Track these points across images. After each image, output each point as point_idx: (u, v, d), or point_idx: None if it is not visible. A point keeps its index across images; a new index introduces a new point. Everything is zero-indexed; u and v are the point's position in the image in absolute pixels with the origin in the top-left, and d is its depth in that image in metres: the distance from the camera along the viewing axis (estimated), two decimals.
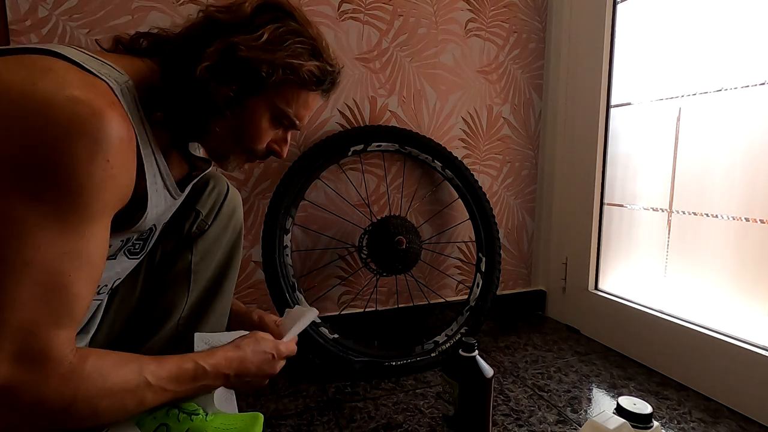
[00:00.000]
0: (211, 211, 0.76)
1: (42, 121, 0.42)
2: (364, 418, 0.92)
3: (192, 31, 0.57)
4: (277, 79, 0.57)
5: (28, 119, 0.42)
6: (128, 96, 0.51)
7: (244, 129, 0.60)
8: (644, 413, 0.68)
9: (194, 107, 0.55)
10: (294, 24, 0.59)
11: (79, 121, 0.43)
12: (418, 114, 1.32)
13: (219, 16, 0.56)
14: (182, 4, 1.07)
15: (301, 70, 0.59)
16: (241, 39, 0.55)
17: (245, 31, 0.55)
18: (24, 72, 0.44)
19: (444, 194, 1.38)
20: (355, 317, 1.31)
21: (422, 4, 1.28)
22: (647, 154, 1.18)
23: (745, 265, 0.96)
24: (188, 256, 0.75)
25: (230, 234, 0.79)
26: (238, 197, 0.81)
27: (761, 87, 0.91)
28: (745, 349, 0.93)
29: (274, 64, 0.56)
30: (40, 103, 0.42)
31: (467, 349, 0.79)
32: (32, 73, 0.44)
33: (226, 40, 0.54)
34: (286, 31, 0.58)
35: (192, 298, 0.76)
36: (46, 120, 0.42)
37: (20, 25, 0.97)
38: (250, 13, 0.56)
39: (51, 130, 0.42)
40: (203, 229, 0.76)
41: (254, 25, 0.56)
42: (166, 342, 0.77)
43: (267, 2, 0.58)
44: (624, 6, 1.24)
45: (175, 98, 0.54)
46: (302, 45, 0.60)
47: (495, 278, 1.25)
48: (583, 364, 1.16)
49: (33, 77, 0.43)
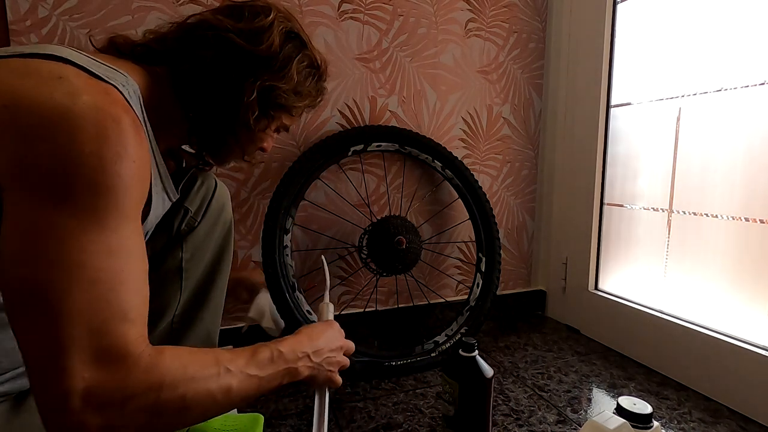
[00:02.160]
0: (200, 208, 0.77)
1: (66, 132, 0.42)
2: (364, 418, 0.92)
3: (203, 50, 0.58)
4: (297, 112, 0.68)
5: (51, 130, 0.42)
6: (135, 101, 0.52)
7: (253, 140, 0.67)
8: (644, 413, 0.68)
9: (218, 127, 0.60)
10: (307, 51, 0.67)
11: (102, 127, 0.43)
12: (418, 114, 1.32)
13: (240, 42, 0.59)
14: (182, 4, 1.07)
15: (315, 102, 0.71)
16: (276, 82, 0.62)
17: (274, 67, 0.61)
18: (34, 80, 0.43)
19: (444, 194, 1.38)
20: (355, 317, 1.31)
21: (422, 4, 1.28)
22: (647, 154, 1.18)
23: (745, 265, 0.96)
24: (179, 254, 0.76)
25: (220, 230, 0.79)
26: (226, 192, 0.82)
27: (761, 87, 0.91)
28: (745, 349, 0.93)
29: (301, 105, 0.67)
30: (62, 115, 0.42)
31: (467, 349, 0.79)
32: (44, 82, 0.43)
33: (263, 83, 0.60)
34: (306, 65, 0.66)
35: (185, 295, 0.77)
36: (70, 130, 0.42)
37: (20, 25, 0.97)
38: (279, 48, 0.61)
39: (78, 138, 0.42)
40: (192, 226, 0.76)
41: (281, 60, 0.62)
42: (161, 341, 0.77)
43: (288, 31, 0.64)
44: (624, 6, 1.24)
45: (200, 118, 0.56)
46: (314, 76, 0.69)
47: (495, 278, 1.25)
48: (583, 364, 1.16)
49: (47, 87, 0.43)
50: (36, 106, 0.42)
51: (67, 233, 0.41)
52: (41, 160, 0.41)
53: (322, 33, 1.19)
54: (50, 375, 0.39)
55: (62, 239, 0.41)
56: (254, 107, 0.60)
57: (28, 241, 0.41)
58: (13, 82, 0.43)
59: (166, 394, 0.44)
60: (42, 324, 0.40)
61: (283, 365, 0.57)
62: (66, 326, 0.40)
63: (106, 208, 0.44)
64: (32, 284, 0.40)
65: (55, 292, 0.40)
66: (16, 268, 0.40)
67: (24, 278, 0.40)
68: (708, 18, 1.02)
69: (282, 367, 0.57)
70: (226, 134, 0.63)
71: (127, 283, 0.44)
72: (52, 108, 0.42)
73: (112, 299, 0.42)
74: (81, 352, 0.40)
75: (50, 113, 0.42)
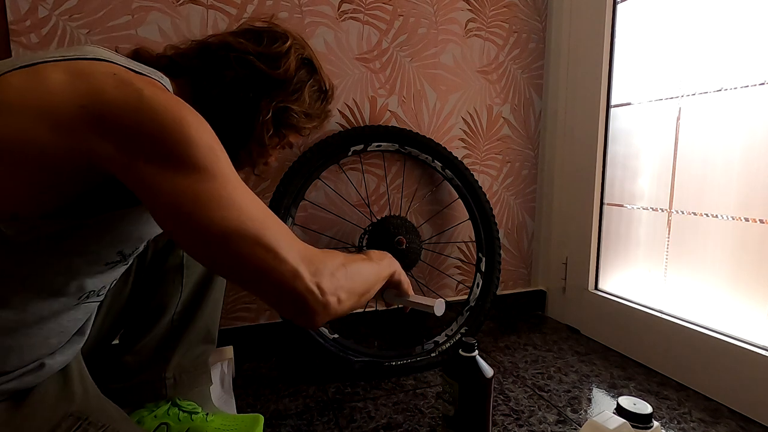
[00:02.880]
0: None
1: (170, 116, 0.46)
2: (364, 418, 0.92)
3: (226, 69, 0.63)
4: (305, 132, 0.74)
5: (141, 114, 0.46)
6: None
7: (263, 155, 0.71)
8: (644, 413, 0.68)
9: (232, 141, 0.62)
10: (318, 77, 0.72)
11: (175, 102, 0.49)
12: (418, 114, 1.32)
13: (260, 65, 0.64)
14: (182, 4, 1.07)
15: (321, 123, 0.76)
16: (290, 104, 0.67)
17: (288, 90, 0.67)
18: (97, 80, 0.46)
19: (444, 194, 1.38)
20: (355, 317, 1.31)
21: (422, 4, 1.28)
22: (647, 154, 1.18)
23: (744, 265, 0.96)
24: (180, 251, 0.78)
25: None
26: None
27: (761, 87, 0.91)
28: (745, 349, 0.93)
29: (309, 126, 0.72)
30: (139, 99, 0.46)
31: (467, 349, 0.79)
32: (105, 80, 0.46)
33: (278, 104, 0.66)
34: (317, 89, 0.72)
35: (186, 291, 0.79)
36: (168, 114, 0.46)
37: (20, 25, 0.97)
38: (295, 72, 0.67)
39: (179, 117, 0.47)
40: None
41: (295, 83, 0.68)
42: (162, 337, 0.78)
43: (303, 58, 0.70)
44: (624, 6, 1.24)
45: (216, 132, 0.60)
46: (322, 100, 0.75)
47: (495, 278, 1.25)
48: (583, 364, 1.16)
49: (110, 83, 0.46)
50: (113, 99, 0.45)
51: (229, 182, 0.49)
52: (153, 137, 0.46)
53: (322, 33, 1.19)
54: (289, 280, 0.50)
55: (227, 188, 0.48)
56: (269, 126, 0.66)
57: (200, 198, 0.47)
58: (79, 85, 0.45)
59: (346, 264, 0.58)
60: (262, 252, 0.48)
61: (377, 261, 0.69)
62: (283, 247, 0.50)
63: (223, 164, 0.50)
64: (239, 226, 0.47)
65: (264, 226, 0.49)
66: (219, 213, 0.47)
67: (226, 223, 0.47)
68: (708, 18, 1.02)
69: (377, 263, 0.68)
70: (240, 148, 0.66)
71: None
72: (126, 96, 0.45)
73: (282, 225, 0.53)
74: (299, 259, 0.51)
75: (128, 101, 0.45)
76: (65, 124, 0.44)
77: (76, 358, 0.64)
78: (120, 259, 0.57)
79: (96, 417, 0.58)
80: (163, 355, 0.78)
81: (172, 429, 0.75)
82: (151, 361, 0.77)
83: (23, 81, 0.45)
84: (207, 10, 1.09)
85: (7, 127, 0.43)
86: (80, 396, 0.60)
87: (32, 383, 0.56)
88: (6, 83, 0.45)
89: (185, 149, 0.46)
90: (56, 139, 0.44)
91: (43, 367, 0.56)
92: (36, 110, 0.44)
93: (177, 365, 0.79)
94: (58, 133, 0.44)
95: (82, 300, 0.57)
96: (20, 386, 0.55)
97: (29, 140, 0.43)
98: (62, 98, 0.44)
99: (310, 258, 0.52)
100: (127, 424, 0.63)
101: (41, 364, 0.56)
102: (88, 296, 0.57)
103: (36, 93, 0.44)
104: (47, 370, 0.57)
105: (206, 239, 0.47)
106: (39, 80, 0.45)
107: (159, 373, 0.77)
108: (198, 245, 0.48)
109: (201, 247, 0.48)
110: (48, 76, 0.45)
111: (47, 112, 0.44)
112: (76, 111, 0.44)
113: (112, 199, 0.51)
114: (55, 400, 0.57)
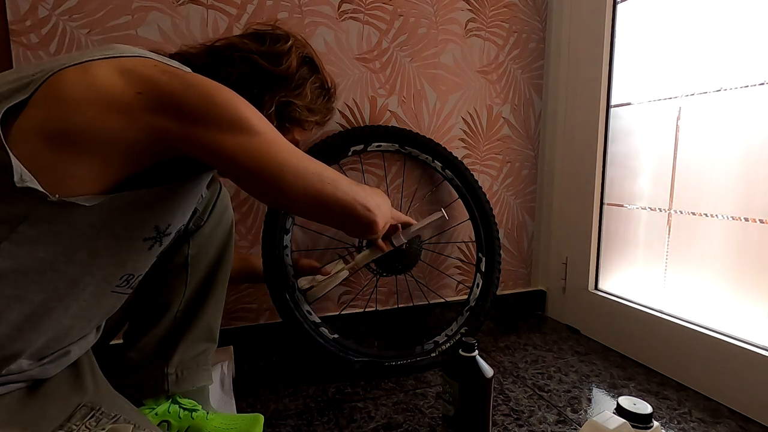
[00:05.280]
0: (206, 208, 0.80)
1: (214, 89, 0.54)
2: (364, 418, 0.92)
3: (230, 67, 0.69)
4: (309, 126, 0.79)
5: (193, 91, 0.52)
6: None
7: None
8: (644, 413, 0.68)
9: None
10: (319, 75, 0.77)
11: (218, 83, 0.56)
12: (418, 114, 1.32)
13: (263, 63, 0.70)
14: (182, 4, 1.07)
15: (324, 119, 0.81)
16: (292, 98, 0.72)
17: (291, 86, 0.72)
18: (141, 71, 0.52)
19: (444, 194, 1.38)
20: (355, 317, 1.31)
21: (422, 4, 1.28)
22: (647, 154, 1.18)
23: (744, 265, 0.96)
24: (185, 250, 0.79)
25: (222, 228, 0.83)
26: (228, 195, 0.87)
27: (761, 87, 0.91)
28: (745, 349, 0.93)
29: (312, 120, 0.77)
30: (186, 79, 0.53)
31: (467, 349, 0.79)
32: (149, 69, 0.52)
33: (280, 99, 0.71)
34: (318, 86, 0.77)
35: (189, 289, 0.80)
36: (203, 87, 0.53)
37: (20, 25, 0.97)
38: (296, 69, 0.72)
39: (220, 89, 0.54)
40: (199, 225, 0.79)
41: (296, 80, 0.73)
42: (165, 334, 0.79)
43: (304, 56, 0.74)
44: (624, 6, 1.24)
45: None
46: (324, 96, 0.79)
47: (495, 278, 1.25)
48: (583, 364, 1.16)
49: (155, 72, 0.52)
50: (164, 83, 0.51)
51: (272, 134, 0.57)
52: (206, 107, 0.52)
53: (322, 33, 1.19)
54: (358, 217, 0.65)
55: (275, 138, 0.57)
56: (272, 119, 0.70)
57: (271, 158, 0.55)
58: (129, 77, 0.50)
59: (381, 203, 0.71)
60: (331, 203, 0.61)
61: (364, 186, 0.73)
62: (344, 197, 0.62)
63: (263, 119, 0.57)
64: (297, 164, 0.57)
65: (327, 180, 0.60)
66: (288, 178, 0.56)
67: (289, 164, 0.56)
68: (707, 18, 1.02)
69: (365, 187, 0.73)
70: None
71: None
72: (173, 79, 0.52)
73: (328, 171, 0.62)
74: (358, 204, 0.64)
75: (176, 83, 0.52)
76: (128, 111, 0.49)
77: (87, 353, 0.67)
78: (155, 235, 0.61)
79: (108, 407, 0.60)
80: (166, 351, 0.79)
81: (172, 427, 0.75)
82: (153, 357, 0.78)
83: (78, 78, 0.49)
84: (207, 10, 1.09)
85: (79, 118, 0.48)
86: (92, 388, 0.63)
87: (50, 373, 0.59)
88: (63, 80, 0.48)
89: (234, 112, 0.53)
90: (124, 125, 0.49)
91: (68, 354, 0.60)
92: (99, 102, 0.48)
93: (179, 361, 0.79)
94: (124, 119, 0.49)
95: (120, 283, 0.61)
96: (39, 375, 0.57)
97: (100, 129, 0.48)
98: (120, 89, 0.49)
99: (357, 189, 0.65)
100: (137, 415, 0.64)
101: (67, 351, 0.60)
102: (121, 280, 0.60)
103: (94, 87, 0.48)
104: (68, 359, 0.61)
105: (274, 180, 0.55)
106: (92, 76, 0.49)
107: (161, 368, 0.78)
108: (272, 188, 0.56)
109: (273, 188, 0.56)
110: (98, 73, 0.49)
111: (110, 102, 0.48)
112: (135, 97, 0.49)
113: (161, 176, 0.57)
114: (68, 391, 0.60)
